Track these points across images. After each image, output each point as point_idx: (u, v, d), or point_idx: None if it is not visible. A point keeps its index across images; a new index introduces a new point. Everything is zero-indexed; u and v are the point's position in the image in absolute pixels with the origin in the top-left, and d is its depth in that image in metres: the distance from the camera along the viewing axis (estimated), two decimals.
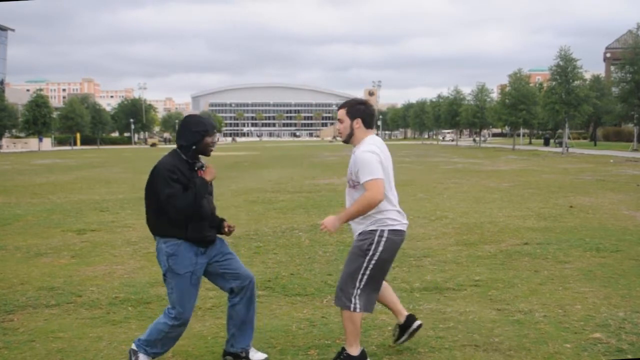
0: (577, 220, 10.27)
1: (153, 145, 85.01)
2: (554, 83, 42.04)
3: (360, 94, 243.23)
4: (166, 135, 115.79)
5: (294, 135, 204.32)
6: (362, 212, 3.90)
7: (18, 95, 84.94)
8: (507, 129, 63.87)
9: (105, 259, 7.73)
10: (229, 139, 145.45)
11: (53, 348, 4.53)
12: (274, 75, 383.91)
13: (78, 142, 77.83)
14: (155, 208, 3.95)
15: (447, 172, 23.39)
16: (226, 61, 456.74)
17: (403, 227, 4.09)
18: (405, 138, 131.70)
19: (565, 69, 41.12)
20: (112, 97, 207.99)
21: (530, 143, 69.99)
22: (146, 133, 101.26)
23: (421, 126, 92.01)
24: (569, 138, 47.03)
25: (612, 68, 52.94)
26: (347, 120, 4.07)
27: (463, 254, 7.70)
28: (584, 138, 70.42)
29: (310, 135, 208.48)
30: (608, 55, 74.57)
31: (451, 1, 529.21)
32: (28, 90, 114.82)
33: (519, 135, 65.23)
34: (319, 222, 10.39)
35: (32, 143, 65.53)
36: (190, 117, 4.09)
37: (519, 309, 5.28)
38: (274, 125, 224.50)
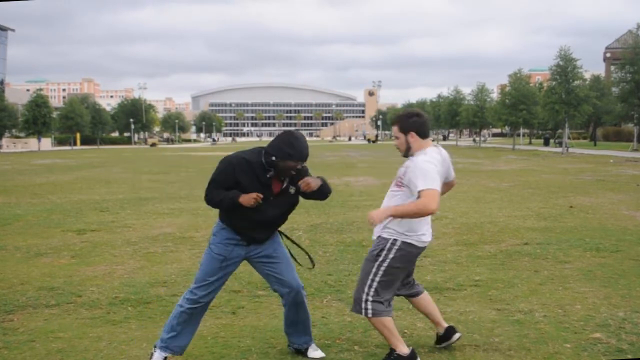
0: (577, 220, 10.27)
1: (153, 145, 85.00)
2: (554, 83, 42.04)
3: (360, 94, 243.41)
4: (166, 135, 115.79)
5: None
6: (411, 214, 3.83)
7: (18, 95, 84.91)
8: (507, 129, 64.06)
9: (105, 259, 7.73)
10: (229, 139, 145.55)
11: (53, 348, 4.53)
12: (274, 75, 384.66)
13: (78, 142, 77.82)
14: None
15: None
16: (226, 61, 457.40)
17: (420, 244, 4.02)
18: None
19: (565, 69, 41.12)
20: (112, 97, 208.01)
21: (530, 143, 69.98)
22: (146, 133, 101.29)
23: None
24: (569, 138, 47.04)
25: (612, 68, 52.93)
26: (402, 136, 4.07)
27: (463, 254, 7.70)
28: (584, 138, 70.41)
29: (310, 135, 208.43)
30: (608, 55, 74.56)
31: (451, 1, 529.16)
32: (28, 90, 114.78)
33: (519, 135, 65.21)
34: (319, 222, 10.41)
35: (32, 143, 65.51)
36: (289, 136, 3.95)
37: (519, 309, 5.28)
38: (274, 125, 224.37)
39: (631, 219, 10.48)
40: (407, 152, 4.08)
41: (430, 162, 3.90)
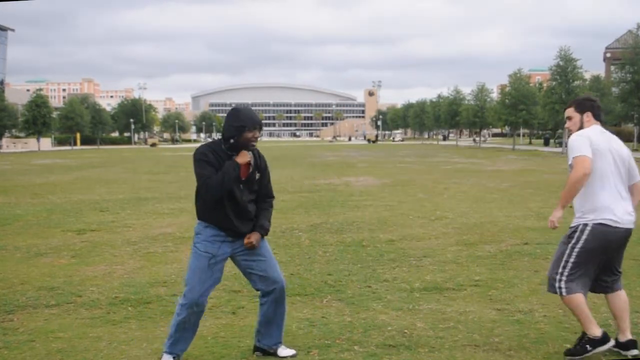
0: None
1: (153, 145, 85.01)
2: (554, 83, 42.12)
3: (360, 94, 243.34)
4: (173, 135, 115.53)
5: (294, 135, 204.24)
6: (571, 190, 4.00)
7: (18, 95, 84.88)
8: (507, 129, 64.11)
9: (105, 259, 7.73)
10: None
11: (53, 348, 4.53)
12: (273, 75, 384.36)
13: (78, 142, 77.83)
14: (196, 191, 4.09)
15: (447, 172, 23.39)
16: (226, 61, 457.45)
17: (615, 223, 4.01)
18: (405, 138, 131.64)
19: (565, 69, 41.20)
20: (112, 97, 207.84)
21: (530, 143, 70.00)
22: (146, 133, 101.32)
23: (421, 126, 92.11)
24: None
25: (612, 68, 52.94)
26: (577, 116, 4.23)
27: (463, 254, 7.70)
28: None
29: (310, 135, 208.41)
30: (608, 55, 74.56)
31: (449, 2, 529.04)
32: (28, 90, 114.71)
33: (519, 135, 65.24)
34: (319, 222, 10.41)
35: (32, 143, 65.55)
36: (232, 111, 4.09)
37: (519, 309, 5.28)
38: (274, 125, 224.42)
39: None
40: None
41: (579, 135, 4.06)
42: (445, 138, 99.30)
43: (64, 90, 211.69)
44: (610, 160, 4.07)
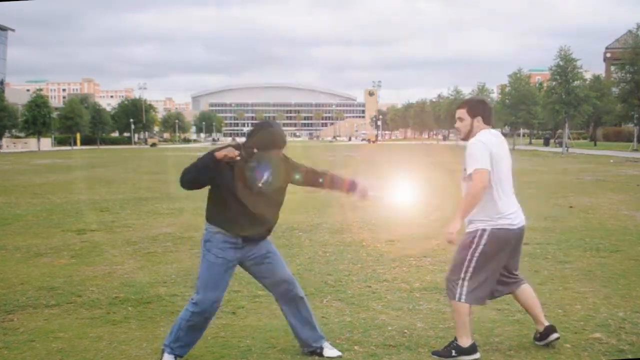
0: (577, 220, 10.27)
1: (153, 145, 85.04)
2: (554, 83, 42.13)
3: (360, 94, 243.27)
4: (166, 135, 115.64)
5: (294, 135, 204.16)
6: (471, 203, 4.03)
7: (18, 95, 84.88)
8: (507, 129, 64.12)
9: (105, 259, 7.72)
10: (229, 138, 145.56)
11: (53, 348, 4.53)
12: (273, 75, 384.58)
13: (78, 142, 77.82)
14: (208, 193, 4.08)
15: (447, 172, 23.37)
16: (225, 62, 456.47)
17: (511, 227, 4.11)
18: (405, 138, 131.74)
19: (565, 69, 41.19)
20: (112, 97, 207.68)
21: (530, 143, 69.98)
22: (146, 133, 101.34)
23: (421, 126, 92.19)
24: (569, 138, 47.03)
25: (612, 68, 52.97)
26: (468, 119, 4.22)
27: None
28: (584, 138, 70.43)
29: (310, 135, 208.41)
30: (608, 55, 74.58)
31: (448, 3, 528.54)
32: (28, 90, 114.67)
33: (519, 135, 65.20)
34: (319, 222, 10.40)
35: (32, 143, 65.55)
36: (265, 127, 4.08)
37: (519, 309, 5.26)
38: None
39: (631, 219, 10.47)
40: (468, 136, 4.23)
41: (478, 141, 4.07)
42: (445, 138, 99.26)
43: (64, 90, 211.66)
44: (505, 165, 4.15)
